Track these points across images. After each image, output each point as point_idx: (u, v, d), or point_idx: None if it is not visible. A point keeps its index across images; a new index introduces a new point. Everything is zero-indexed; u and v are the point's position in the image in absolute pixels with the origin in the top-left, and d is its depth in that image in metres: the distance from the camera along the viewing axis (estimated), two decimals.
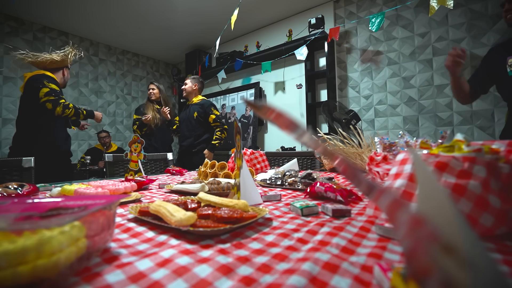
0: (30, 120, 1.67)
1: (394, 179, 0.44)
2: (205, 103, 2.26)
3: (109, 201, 0.31)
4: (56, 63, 1.76)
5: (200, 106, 2.24)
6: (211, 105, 2.27)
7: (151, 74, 4.53)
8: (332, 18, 2.82)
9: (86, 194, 0.61)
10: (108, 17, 3.15)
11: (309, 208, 0.50)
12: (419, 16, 2.34)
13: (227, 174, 0.98)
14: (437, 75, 2.26)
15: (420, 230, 0.14)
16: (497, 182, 0.36)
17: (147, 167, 1.75)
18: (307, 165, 1.74)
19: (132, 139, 1.18)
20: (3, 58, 2.94)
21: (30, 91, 1.64)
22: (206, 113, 2.22)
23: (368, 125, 2.61)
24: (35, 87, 1.62)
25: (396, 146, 0.70)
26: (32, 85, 1.63)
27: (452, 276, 0.12)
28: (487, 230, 0.35)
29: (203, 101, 2.28)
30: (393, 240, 0.36)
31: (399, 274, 0.22)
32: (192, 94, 2.32)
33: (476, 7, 2.09)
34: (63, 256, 0.23)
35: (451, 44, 2.19)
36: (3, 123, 2.98)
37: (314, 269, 0.27)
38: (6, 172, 1.13)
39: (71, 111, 1.68)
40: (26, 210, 0.28)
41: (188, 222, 0.37)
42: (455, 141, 0.43)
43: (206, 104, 2.25)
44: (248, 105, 0.33)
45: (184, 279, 0.25)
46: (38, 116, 1.66)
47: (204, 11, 3.06)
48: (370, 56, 2.61)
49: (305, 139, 0.24)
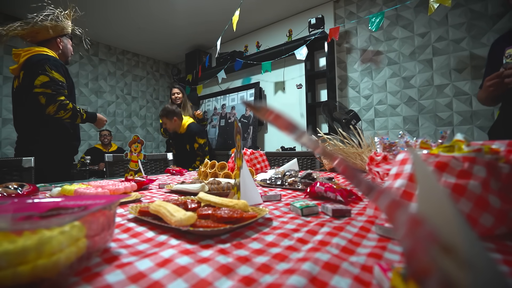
0: (37, 114, 1.36)
1: (394, 179, 0.44)
2: (191, 130, 2.19)
3: (109, 201, 0.31)
4: (49, 31, 1.40)
5: (187, 135, 2.20)
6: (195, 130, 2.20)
7: (151, 74, 4.53)
8: (332, 18, 2.82)
9: (86, 194, 0.61)
10: (108, 17, 3.15)
11: (309, 208, 0.50)
12: (419, 16, 2.34)
13: (227, 174, 0.98)
14: (437, 75, 2.26)
15: (420, 230, 0.14)
16: (497, 182, 0.36)
17: (147, 167, 1.75)
18: (307, 165, 1.74)
19: (132, 139, 1.19)
20: (3, 58, 2.94)
21: (32, 77, 1.31)
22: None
23: (368, 125, 2.61)
24: (34, 72, 1.30)
25: (396, 146, 0.70)
26: (33, 70, 1.31)
27: (451, 276, 0.13)
28: (487, 230, 0.35)
29: (188, 127, 2.21)
30: (393, 240, 0.36)
31: (399, 274, 0.22)
32: (177, 127, 2.22)
33: (476, 7, 2.08)
34: (63, 256, 0.23)
35: (451, 44, 2.19)
36: (3, 123, 2.98)
37: (314, 269, 0.27)
38: (6, 172, 1.13)
39: (67, 114, 1.35)
40: (26, 210, 0.28)
41: (188, 222, 0.37)
42: (455, 141, 0.43)
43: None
44: (247, 106, 0.33)
45: (184, 279, 0.25)
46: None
47: (204, 11, 3.06)
48: (370, 56, 2.61)
49: (304, 140, 0.24)
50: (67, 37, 1.53)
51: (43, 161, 1.34)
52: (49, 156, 1.39)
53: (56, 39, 1.46)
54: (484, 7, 2.05)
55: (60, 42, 1.48)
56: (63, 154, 1.49)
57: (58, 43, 1.47)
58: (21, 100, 1.38)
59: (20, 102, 1.39)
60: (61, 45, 1.49)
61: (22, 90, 1.35)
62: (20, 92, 1.37)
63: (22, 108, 1.39)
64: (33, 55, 1.35)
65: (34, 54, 1.36)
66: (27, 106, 1.36)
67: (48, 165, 1.38)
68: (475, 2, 2.09)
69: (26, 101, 1.36)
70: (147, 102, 4.45)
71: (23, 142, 1.41)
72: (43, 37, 1.42)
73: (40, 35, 1.40)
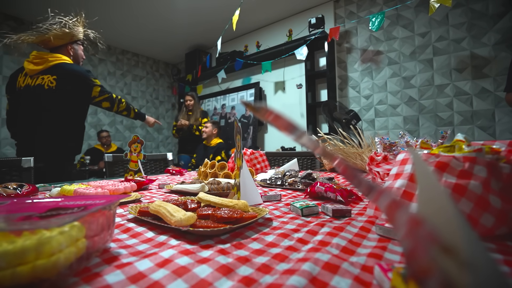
0: (77, 118, 1.50)
1: (394, 179, 0.44)
2: (220, 147, 2.62)
3: (109, 201, 0.31)
4: (61, 38, 1.48)
5: (215, 149, 2.62)
6: (223, 148, 2.63)
7: (151, 74, 4.53)
8: (332, 18, 2.82)
9: (86, 194, 0.61)
10: (108, 17, 3.15)
11: (309, 208, 0.50)
12: (420, 15, 2.34)
13: (227, 174, 0.98)
14: (437, 75, 2.26)
15: (420, 230, 0.14)
16: (497, 182, 0.36)
17: (147, 167, 1.75)
18: (307, 165, 1.74)
19: (132, 139, 1.18)
20: (3, 58, 2.94)
21: (75, 86, 1.43)
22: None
23: (368, 125, 2.61)
24: (86, 84, 1.45)
25: (396, 146, 0.70)
26: (77, 82, 1.43)
27: (452, 277, 0.12)
28: (487, 230, 0.35)
29: (219, 144, 2.64)
30: (393, 240, 0.36)
31: (399, 274, 0.22)
32: (211, 137, 2.66)
33: (477, 7, 2.08)
34: (62, 257, 0.23)
35: (452, 44, 2.19)
36: (3, 123, 2.98)
37: (314, 269, 0.26)
38: (5, 172, 1.13)
39: (123, 105, 1.60)
40: (25, 210, 0.28)
41: (188, 222, 0.37)
42: (456, 141, 0.43)
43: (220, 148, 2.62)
44: (247, 107, 0.33)
45: (184, 280, 0.25)
46: (85, 114, 1.54)
47: (204, 11, 3.06)
48: (370, 56, 2.61)
49: (303, 141, 0.24)
50: (78, 43, 1.59)
51: (55, 159, 1.41)
52: (61, 155, 1.45)
53: (67, 45, 1.53)
54: (485, 6, 2.05)
55: (71, 49, 1.55)
56: (72, 153, 1.55)
57: (68, 49, 1.54)
58: (42, 100, 1.41)
59: (37, 102, 1.41)
60: (72, 51, 1.55)
61: (55, 92, 1.41)
62: (46, 94, 1.41)
63: (38, 106, 1.42)
64: (63, 63, 1.44)
65: (64, 62, 1.45)
66: (55, 106, 1.43)
67: (62, 164, 1.45)
68: (476, 1, 2.08)
69: (54, 102, 1.42)
70: (147, 102, 4.45)
71: (34, 140, 1.42)
72: (55, 44, 1.49)
73: (52, 42, 1.47)
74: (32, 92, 1.40)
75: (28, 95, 1.41)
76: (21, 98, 1.44)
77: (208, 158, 2.41)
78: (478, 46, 2.07)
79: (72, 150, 1.50)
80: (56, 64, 1.43)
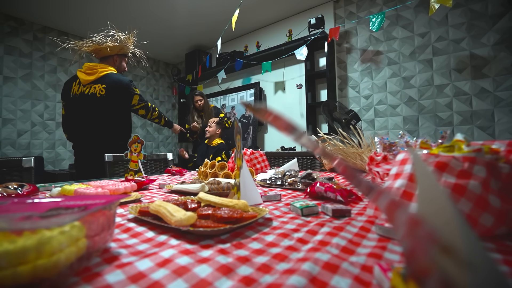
0: (123, 120, 1.70)
1: (394, 179, 0.44)
2: (220, 148, 2.58)
3: (109, 201, 0.31)
4: (111, 49, 1.68)
5: (216, 149, 2.59)
6: (224, 149, 2.59)
7: (151, 74, 4.53)
8: (332, 18, 2.82)
9: (86, 194, 0.61)
10: (108, 17, 3.15)
11: (309, 208, 0.50)
12: (419, 16, 2.34)
13: (227, 174, 0.98)
14: (437, 75, 2.26)
15: (419, 230, 0.14)
16: (497, 182, 0.36)
17: (147, 167, 1.75)
18: (307, 165, 1.74)
19: (132, 139, 1.18)
20: (3, 58, 2.94)
21: (120, 94, 1.62)
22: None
23: (368, 125, 2.61)
24: (128, 92, 1.65)
25: (396, 146, 0.70)
26: (121, 91, 1.63)
27: (451, 276, 0.13)
28: (487, 230, 0.35)
29: (220, 145, 2.60)
30: (393, 240, 0.36)
31: (399, 274, 0.22)
32: (214, 137, 2.63)
33: (476, 7, 2.08)
34: (63, 256, 0.23)
35: (451, 44, 2.19)
36: (3, 123, 2.98)
37: (314, 269, 0.27)
38: (6, 172, 1.13)
39: (155, 113, 1.80)
40: (26, 210, 0.28)
41: (188, 222, 0.37)
42: (455, 141, 0.43)
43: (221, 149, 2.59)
44: (246, 108, 0.33)
45: (184, 279, 0.25)
46: (128, 119, 1.73)
47: (204, 11, 3.06)
48: (370, 56, 2.61)
49: (303, 141, 0.24)
50: (123, 56, 1.81)
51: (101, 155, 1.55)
52: (113, 152, 1.59)
53: (113, 56, 1.74)
54: (484, 7, 2.05)
55: (116, 60, 1.77)
56: (121, 150, 1.71)
57: (114, 59, 1.75)
58: (96, 106, 1.60)
59: (92, 107, 1.60)
60: (117, 62, 1.77)
61: (105, 99, 1.60)
62: (99, 101, 1.60)
63: (92, 112, 1.61)
64: (110, 73, 1.64)
65: (111, 73, 1.65)
66: (106, 111, 1.62)
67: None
68: (475, 2, 2.09)
69: (105, 107, 1.61)
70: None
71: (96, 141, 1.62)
72: (104, 54, 1.70)
73: (101, 52, 1.69)
74: (87, 99, 1.60)
75: (84, 102, 1.60)
76: (77, 104, 1.62)
77: (208, 158, 2.41)
78: (478, 46, 2.07)
79: (122, 147, 1.61)
80: (105, 74, 1.62)
